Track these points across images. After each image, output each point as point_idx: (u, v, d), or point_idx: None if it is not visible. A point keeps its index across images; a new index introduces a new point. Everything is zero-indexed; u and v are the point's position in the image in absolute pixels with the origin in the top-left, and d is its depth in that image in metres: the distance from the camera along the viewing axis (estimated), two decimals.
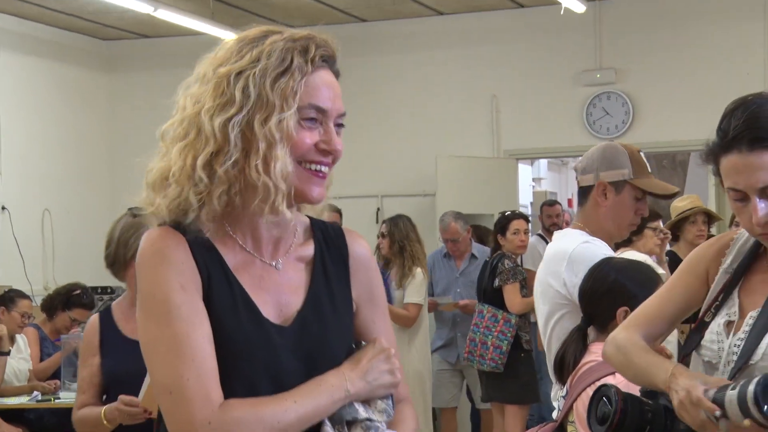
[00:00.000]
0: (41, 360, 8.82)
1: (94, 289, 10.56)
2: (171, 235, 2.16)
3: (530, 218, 10.25)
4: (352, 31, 11.98)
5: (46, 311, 9.26)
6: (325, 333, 2.35)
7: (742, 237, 2.99)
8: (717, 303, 2.97)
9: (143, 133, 12.40)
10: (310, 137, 2.14)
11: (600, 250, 4.35)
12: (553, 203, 11.55)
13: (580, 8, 10.81)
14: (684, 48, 11.05)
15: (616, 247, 5.04)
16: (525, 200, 13.91)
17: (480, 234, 10.39)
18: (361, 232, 9.06)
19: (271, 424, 2.09)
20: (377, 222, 10.75)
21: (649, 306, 3.12)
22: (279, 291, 2.28)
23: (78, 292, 9.31)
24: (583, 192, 4.62)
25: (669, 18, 11.04)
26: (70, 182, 12.28)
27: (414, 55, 11.82)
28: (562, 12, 10.66)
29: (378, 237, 9.52)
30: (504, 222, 8.61)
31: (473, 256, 9.49)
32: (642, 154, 4.61)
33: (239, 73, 2.10)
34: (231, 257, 2.22)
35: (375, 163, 10.89)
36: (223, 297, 2.19)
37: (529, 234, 9.09)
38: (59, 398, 8.07)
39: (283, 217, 2.16)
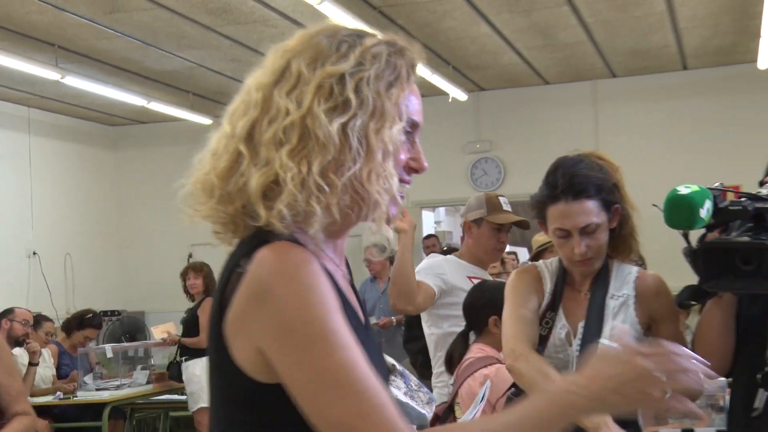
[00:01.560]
0: (59, 368, 8.68)
1: (105, 312, 10.54)
2: (302, 251, 1.49)
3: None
4: None
5: (65, 331, 9.24)
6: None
7: (546, 268, 3.05)
8: (546, 319, 2.96)
9: (142, 194, 12.54)
10: (404, 153, 1.61)
11: (434, 261, 4.74)
12: (429, 236, 11.58)
13: (463, 97, 10.80)
14: (540, 125, 11.03)
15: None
16: None
17: None
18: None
19: None
20: None
21: (522, 327, 2.95)
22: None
23: (90, 315, 9.32)
24: (462, 230, 4.92)
25: (529, 104, 11.17)
26: (86, 233, 12.17)
27: None
28: (450, 100, 10.61)
29: None
30: None
31: None
32: (501, 198, 4.71)
33: (349, 75, 1.53)
34: (334, 272, 1.61)
35: None
36: (350, 317, 1.56)
37: None
38: (77, 396, 7.98)
39: (385, 232, 1.60)
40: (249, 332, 1.45)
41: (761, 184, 2.64)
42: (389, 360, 1.78)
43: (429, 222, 12.06)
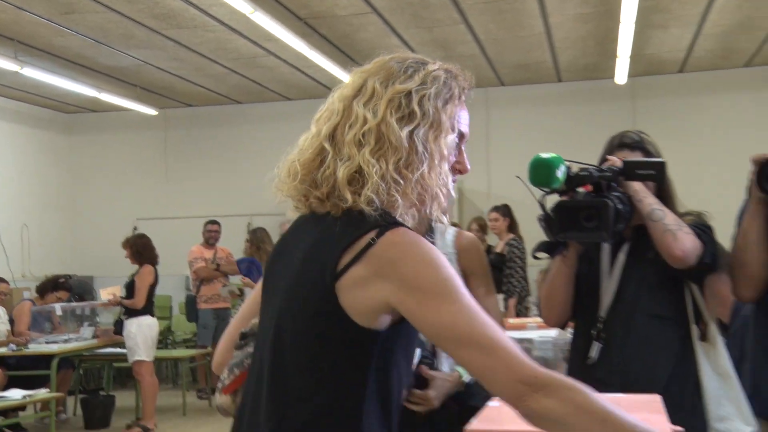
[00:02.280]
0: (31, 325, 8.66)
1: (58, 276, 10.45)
2: (416, 233, 1.63)
3: None
4: (230, 108, 11.97)
5: (39, 293, 9.13)
6: None
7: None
8: None
9: (94, 174, 12.36)
10: (453, 157, 1.74)
11: None
12: None
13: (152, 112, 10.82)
14: None
15: None
16: None
17: None
18: (235, 242, 8.90)
19: (601, 407, 1.48)
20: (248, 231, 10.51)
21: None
22: None
23: (62, 280, 9.23)
24: None
25: None
26: (42, 207, 11.95)
27: (272, 118, 11.60)
28: None
29: (245, 242, 9.44)
30: None
31: None
32: None
33: (414, 92, 1.65)
34: None
35: (247, 190, 10.55)
36: None
37: None
38: (28, 348, 7.91)
39: (441, 221, 1.76)
40: (378, 288, 1.55)
41: (600, 163, 2.72)
42: None
43: None
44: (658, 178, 2.67)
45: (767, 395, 2.79)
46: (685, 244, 2.58)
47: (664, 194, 2.76)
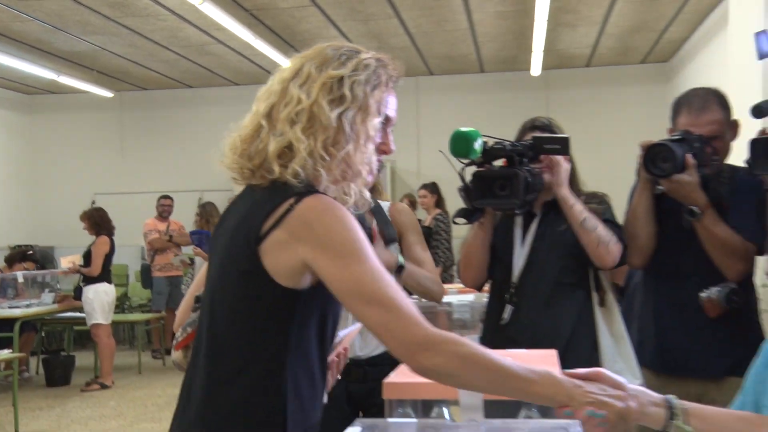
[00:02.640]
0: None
1: (19, 246, 10.25)
2: (332, 199, 1.63)
3: None
4: (182, 92, 11.78)
5: (8, 263, 9.04)
6: None
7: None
8: None
9: (54, 152, 12.10)
10: (378, 139, 1.73)
11: None
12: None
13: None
14: None
15: None
16: None
17: None
18: (187, 215, 8.74)
19: (490, 361, 1.50)
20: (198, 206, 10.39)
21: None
22: None
23: (31, 252, 9.06)
24: None
25: None
26: (5, 183, 11.72)
27: (221, 102, 11.36)
28: None
29: (195, 216, 9.34)
30: None
31: None
32: None
33: (347, 78, 1.65)
34: None
35: (197, 168, 10.39)
36: None
37: None
38: None
39: (364, 194, 1.75)
40: (295, 249, 1.55)
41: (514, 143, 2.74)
42: None
43: None
44: (562, 152, 2.71)
45: (650, 348, 2.84)
46: (615, 255, 2.67)
47: (571, 177, 2.80)
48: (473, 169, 2.67)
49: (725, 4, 5.33)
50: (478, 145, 2.54)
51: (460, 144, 2.53)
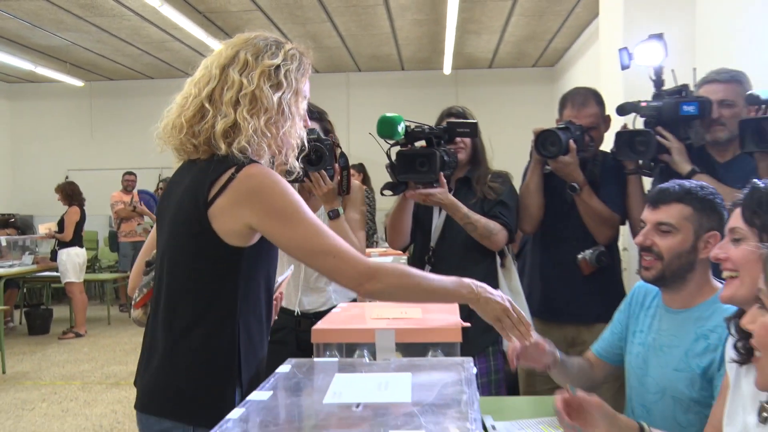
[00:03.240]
0: None
1: (2, 214, 9.87)
2: (269, 168, 1.61)
3: None
4: (144, 82, 11.45)
5: None
6: None
7: None
8: None
9: (32, 134, 11.67)
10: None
11: None
12: None
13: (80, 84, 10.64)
14: (311, 100, 10.86)
15: None
16: None
17: None
18: (149, 188, 8.39)
19: (415, 280, 1.63)
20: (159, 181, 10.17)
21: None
22: None
23: (13, 219, 8.78)
24: None
25: None
26: None
27: (178, 91, 11.02)
28: None
29: (157, 189, 9.11)
30: None
31: None
32: None
33: (280, 66, 1.62)
34: None
35: (157, 148, 10.15)
36: None
37: None
38: None
39: (294, 163, 1.75)
40: (239, 214, 1.53)
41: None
42: None
43: None
44: (472, 134, 2.72)
45: (536, 299, 2.90)
46: (499, 242, 2.71)
47: (480, 157, 2.83)
48: (398, 148, 2.65)
49: (597, 22, 5.43)
50: (401, 128, 2.53)
51: (386, 127, 2.52)
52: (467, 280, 1.71)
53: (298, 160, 1.73)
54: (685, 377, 1.85)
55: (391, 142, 2.59)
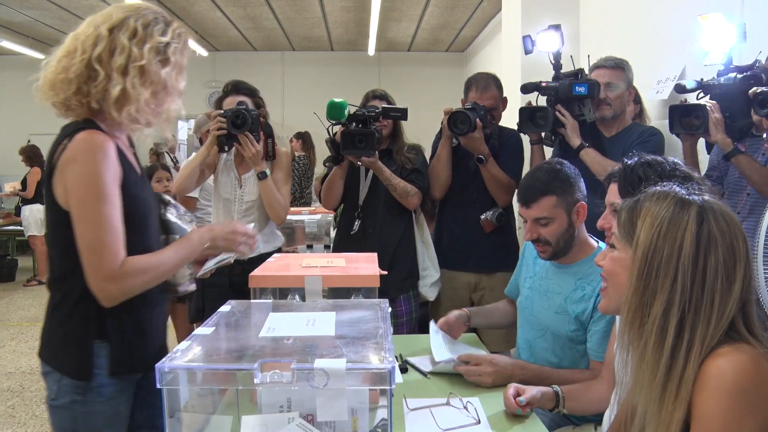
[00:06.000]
0: None
1: None
2: (102, 136, 1.42)
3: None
4: None
5: None
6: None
7: None
8: None
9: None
10: None
11: None
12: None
13: (205, 54, 10.26)
14: (251, 74, 10.41)
15: None
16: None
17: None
18: None
19: (157, 269, 1.45)
20: None
21: None
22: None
23: None
24: (200, 142, 3.98)
25: (245, 60, 10.73)
26: None
27: None
28: (197, 55, 10.02)
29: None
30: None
31: None
32: (215, 111, 4.00)
33: (170, 44, 1.48)
34: (125, 149, 1.53)
35: None
36: (130, 172, 1.49)
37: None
38: None
39: (167, 133, 1.62)
40: (65, 182, 1.39)
41: (364, 108, 2.76)
42: (165, 197, 1.74)
43: (184, 128, 11.38)
44: (403, 118, 2.76)
45: (445, 252, 2.94)
46: (414, 203, 2.77)
47: (398, 131, 2.85)
48: (338, 128, 2.70)
49: (500, 15, 5.50)
50: (347, 112, 2.61)
51: (335, 110, 2.61)
52: (196, 232, 1.60)
53: (228, 125, 1.62)
54: (563, 319, 1.94)
55: (334, 122, 2.65)
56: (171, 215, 1.71)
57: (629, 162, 1.56)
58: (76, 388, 1.43)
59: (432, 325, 2.09)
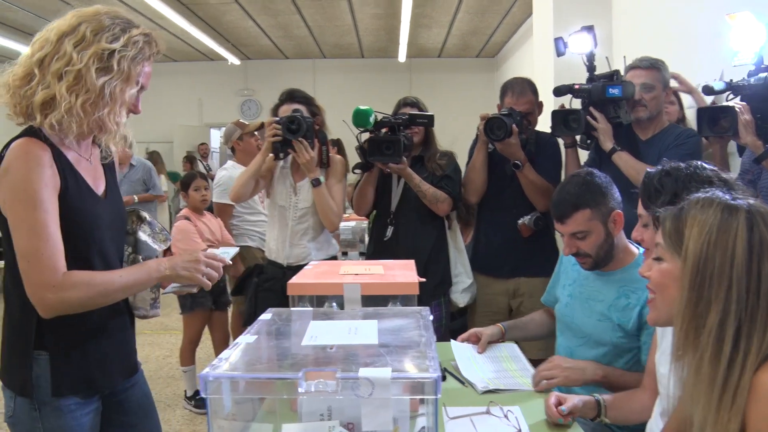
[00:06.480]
0: None
1: None
2: (38, 144, 1.38)
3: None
4: None
5: None
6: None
7: None
8: None
9: None
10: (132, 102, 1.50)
11: (233, 172, 3.77)
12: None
13: (237, 62, 10.39)
14: (282, 81, 10.60)
15: None
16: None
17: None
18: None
19: (99, 287, 1.40)
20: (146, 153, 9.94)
21: None
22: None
23: None
24: (232, 149, 4.05)
25: (276, 68, 10.84)
26: None
27: (162, 73, 10.79)
28: (229, 63, 10.17)
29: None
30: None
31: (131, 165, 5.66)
32: (244, 121, 4.07)
33: (117, 52, 1.40)
34: (76, 160, 1.47)
35: (145, 124, 9.93)
36: (83, 190, 1.46)
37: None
38: None
39: (112, 146, 1.54)
40: (3, 192, 1.36)
41: (395, 115, 2.80)
42: (143, 213, 1.70)
43: (216, 136, 11.54)
44: (429, 124, 2.77)
45: (482, 258, 2.93)
46: (444, 209, 2.76)
47: (430, 137, 2.85)
48: (367, 135, 2.72)
49: (531, 19, 5.47)
50: (372, 119, 2.61)
51: (360, 118, 2.60)
52: (155, 261, 1.52)
53: (283, 130, 1.57)
54: (606, 326, 1.90)
55: (362, 129, 2.66)
56: (143, 233, 1.66)
57: (649, 172, 1.54)
58: (30, 403, 1.41)
59: (457, 351, 2.03)
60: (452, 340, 2.08)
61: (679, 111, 2.84)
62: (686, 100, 2.96)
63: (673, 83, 2.80)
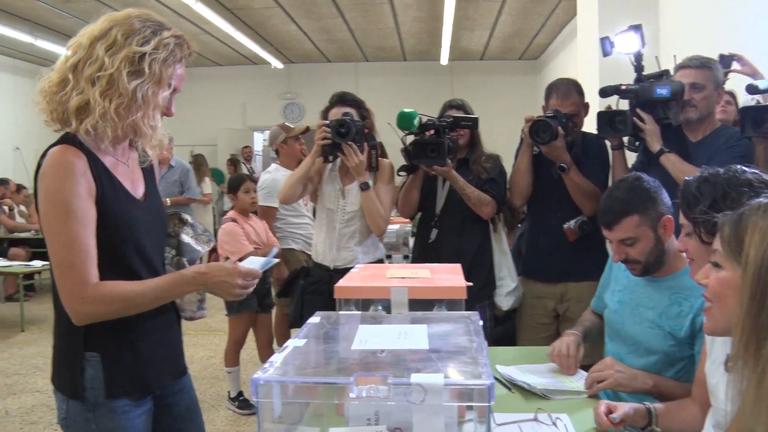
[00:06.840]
0: None
1: None
2: (74, 151, 1.38)
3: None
4: None
5: None
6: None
7: None
8: None
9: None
10: (166, 106, 1.50)
11: (277, 175, 3.78)
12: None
13: (280, 66, 10.50)
14: (325, 85, 10.39)
15: None
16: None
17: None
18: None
19: (132, 300, 1.40)
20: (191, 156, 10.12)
21: None
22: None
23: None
24: (276, 153, 4.05)
25: (319, 72, 10.92)
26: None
27: (208, 77, 11.02)
28: (272, 67, 10.31)
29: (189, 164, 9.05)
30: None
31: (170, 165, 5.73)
32: (289, 124, 4.10)
33: (148, 55, 1.39)
34: (113, 165, 1.46)
35: (190, 128, 10.15)
36: (120, 194, 1.46)
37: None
38: None
39: (149, 150, 1.55)
40: (39, 199, 1.37)
41: (440, 117, 2.79)
42: (184, 216, 1.71)
43: (259, 139, 11.69)
44: (473, 127, 2.77)
45: (530, 262, 2.90)
46: (488, 212, 2.74)
47: (476, 142, 2.84)
48: (411, 137, 2.70)
49: (575, 21, 5.39)
50: (416, 121, 2.60)
51: (405, 120, 2.59)
52: (189, 270, 1.48)
53: (333, 133, 1.54)
54: (657, 334, 1.86)
55: (407, 132, 2.66)
56: (185, 235, 1.65)
57: (687, 179, 1.49)
58: (84, 405, 1.41)
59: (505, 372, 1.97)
60: (497, 366, 2.00)
61: (737, 112, 2.76)
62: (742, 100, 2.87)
63: (735, 65, 2.71)
